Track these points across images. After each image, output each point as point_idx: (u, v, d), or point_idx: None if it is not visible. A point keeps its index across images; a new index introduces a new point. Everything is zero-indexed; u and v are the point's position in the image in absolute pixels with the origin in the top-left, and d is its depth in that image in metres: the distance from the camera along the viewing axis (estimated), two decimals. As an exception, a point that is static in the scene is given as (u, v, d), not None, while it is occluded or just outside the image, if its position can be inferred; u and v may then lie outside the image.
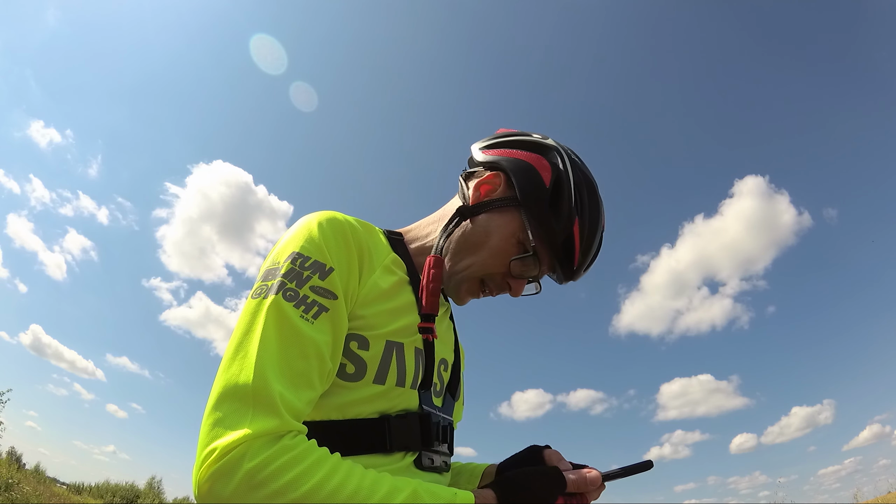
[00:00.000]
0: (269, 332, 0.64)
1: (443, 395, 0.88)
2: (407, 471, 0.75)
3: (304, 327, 0.65)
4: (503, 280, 0.86)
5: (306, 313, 0.67)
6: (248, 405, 0.58)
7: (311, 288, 0.68)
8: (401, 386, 0.76)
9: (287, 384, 0.62)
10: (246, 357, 0.61)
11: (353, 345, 0.73)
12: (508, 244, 0.84)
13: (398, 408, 0.76)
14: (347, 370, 0.72)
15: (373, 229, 0.86)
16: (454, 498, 0.63)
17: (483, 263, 0.85)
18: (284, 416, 0.59)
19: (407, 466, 0.75)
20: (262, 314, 0.65)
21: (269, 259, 0.75)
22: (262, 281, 0.70)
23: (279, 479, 0.55)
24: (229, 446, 0.55)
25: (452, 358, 0.94)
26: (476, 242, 0.85)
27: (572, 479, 0.70)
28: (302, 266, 0.70)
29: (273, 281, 0.69)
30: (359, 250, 0.76)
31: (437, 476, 0.81)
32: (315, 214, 0.77)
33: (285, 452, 0.57)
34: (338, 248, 0.73)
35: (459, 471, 0.97)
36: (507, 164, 0.87)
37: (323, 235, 0.73)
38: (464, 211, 0.87)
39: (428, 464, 0.78)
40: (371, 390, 0.73)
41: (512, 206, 0.85)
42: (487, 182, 0.88)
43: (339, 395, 0.72)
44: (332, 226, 0.75)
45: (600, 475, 0.72)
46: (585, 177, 0.87)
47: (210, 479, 0.55)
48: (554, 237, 0.83)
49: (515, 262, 0.84)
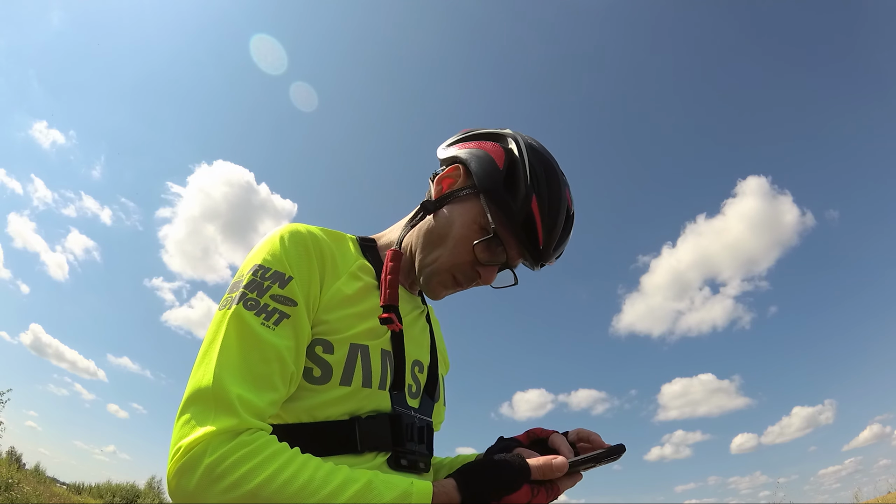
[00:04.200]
0: (231, 339, 0.68)
1: (419, 396, 0.88)
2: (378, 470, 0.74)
3: (264, 333, 0.69)
4: (472, 269, 0.87)
5: (267, 320, 0.71)
6: (210, 407, 0.63)
7: (271, 296, 0.72)
8: (367, 387, 0.77)
9: (247, 387, 0.66)
10: (209, 363, 0.66)
11: (318, 349, 0.76)
12: (471, 230, 0.86)
13: (367, 409, 0.77)
14: (314, 374, 0.75)
15: (342, 238, 0.90)
16: (410, 487, 0.63)
17: (450, 254, 0.86)
18: (243, 415, 0.63)
19: (378, 466, 0.75)
20: (224, 324, 0.70)
21: (237, 273, 0.79)
22: (227, 294, 0.75)
23: (235, 471, 0.59)
24: (192, 443, 0.60)
25: (428, 360, 0.94)
26: (441, 234, 0.88)
27: (536, 465, 0.66)
28: (262, 277, 0.74)
29: (236, 292, 0.73)
30: (320, 259, 0.79)
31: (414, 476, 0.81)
32: (279, 228, 0.81)
33: (242, 447, 0.61)
34: (298, 257, 0.77)
35: (440, 465, 0.97)
36: (464, 156, 0.90)
37: (283, 247, 0.77)
38: (427, 205, 0.91)
39: (403, 464, 0.78)
40: (338, 392, 0.75)
41: (472, 194, 0.87)
42: (448, 176, 0.92)
43: (308, 398, 0.74)
44: (292, 237, 0.79)
45: (567, 462, 0.67)
46: (541, 156, 0.88)
47: (176, 474, 0.60)
48: (513, 216, 0.83)
49: (479, 245, 0.85)
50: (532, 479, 0.66)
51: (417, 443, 0.82)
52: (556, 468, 0.66)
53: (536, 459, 0.67)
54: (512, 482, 0.64)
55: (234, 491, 0.58)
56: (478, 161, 0.87)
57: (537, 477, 0.66)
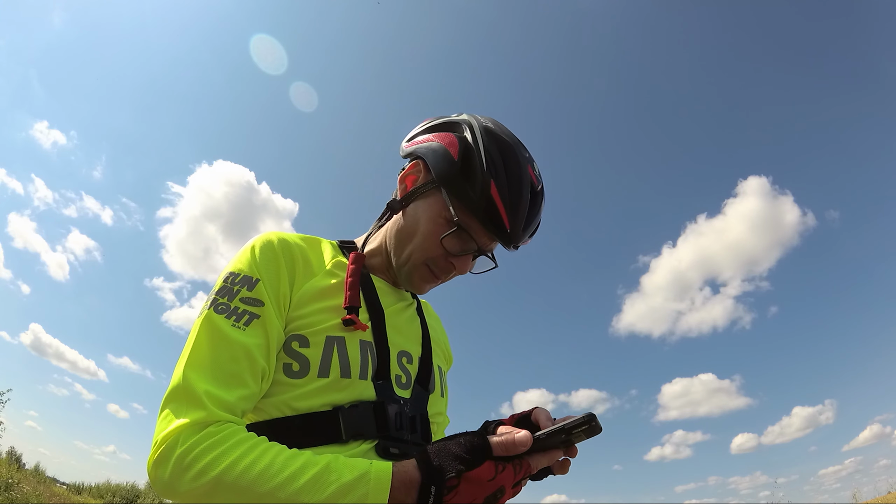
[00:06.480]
0: (201, 340, 0.73)
1: (411, 387, 0.88)
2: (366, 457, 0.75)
3: (233, 334, 0.74)
4: (445, 261, 0.89)
5: (237, 322, 0.75)
6: (182, 403, 0.68)
7: (241, 300, 0.77)
8: (346, 377, 0.78)
9: (215, 383, 0.70)
10: (181, 364, 0.72)
11: (294, 344, 0.79)
12: (437, 225, 0.88)
13: (349, 399, 0.78)
14: (293, 368, 0.78)
15: (318, 241, 0.94)
16: (370, 466, 0.63)
17: (421, 249, 0.89)
18: (211, 409, 0.67)
19: (365, 453, 0.76)
20: (197, 328, 0.75)
21: None
22: (204, 302, 0.80)
23: (202, 460, 0.63)
24: (167, 436, 0.65)
25: (419, 351, 0.95)
26: (409, 232, 0.91)
27: (497, 441, 0.63)
28: (232, 282, 0.79)
29: (209, 299, 0.78)
30: (289, 259, 0.83)
31: None
32: (253, 238, 0.85)
33: (209, 437, 0.65)
34: (266, 261, 0.81)
35: None
36: (421, 151, 0.92)
37: (253, 254, 0.82)
38: (393, 205, 0.93)
39: (393, 452, 0.78)
40: (316, 384, 0.77)
41: (433, 189, 0.89)
42: (411, 173, 0.93)
43: (289, 391, 0.77)
44: (262, 243, 0.83)
45: (530, 436, 0.63)
46: (497, 137, 0.87)
47: (154, 465, 0.65)
48: (474, 205, 0.84)
49: (447, 239, 0.87)
50: (495, 456, 0.63)
51: (409, 432, 0.82)
52: (518, 442, 0.63)
53: (499, 436, 0.64)
54: (473, 458, 0.62)
55: (201, 478, 0.62)
56: (434, 155, 0.89)
57: (500, 453, 0.63)
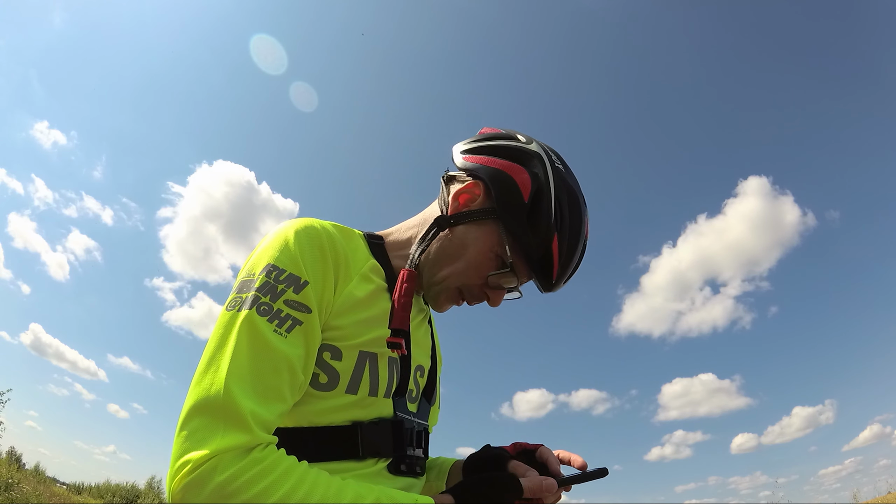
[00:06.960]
0: (242, 347, 0.65)
1: (418, 400, 0.89)
2: (379, 475, 0.76)
3: (276, 342, 0.67)
4: (481, 291, 0.87)
5: (280, 327, 0.68)
6: (219, 420, 0.60)
7: (285, 302, 0.69)
8: (373, 396, 0.77)
9: (258, 399, 0.64)
10: (217, 371, 0.63)
11: (325, 355, 0.74)
12: (486, 258, 0.84)
13: (371, 416, 0.77)
14: (320, 380, 0.74)
15: (352, 234, 0.86)
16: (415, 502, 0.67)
17: (460, 274, 0.85)
18: (254, 431, 0.61)
19: (379, 472, 0.77)
20: (235, 328, 0.66)
21: (244, 269, 0.75)
22: (236, 293, 0.71)
23: (249, 490, 0.58)
24: (201, 460, 0.58)
25: (429, 364, 0.94)
26: (453, 254, 0.85)
27: (528, 485, 0.71)
28: (277, 279, 0.70)
29: (248, 294, 0.70)
30: (335, 260, 0.76)
31: (412, 480, 0.83)
32: (292, 223, 0.77)
33: (255, 465, 0.59)
34: (313, 259, 0.74)
35: (430, 465, 0.98)
36: (486, 174, 0.85)
37: (299, 246, 0.73)
38: (441, 222, 0.86)
39: (402, 469, 0.79)
40: (343, 400, 0.74)
41: (490, 219, 0.84)
42: (466, 191, 0.87)
43: (313, 403, 0.74)
44: (308, 236, 0.75)
45: (556, 484, 0.73)
46: (568, 187, 0.85)
47: (182, 490, 0.58)
48: (531, 253, 0.82)
49: (493, 276, 0.84)
50: (523, 498, 0.70)
51: (416, 447, 0.83)
52: (545, 489, 0.71)
53: (529, 479, 0.72)
54: (505, 500, 0.69)
55: None
56: (501, 186, 0.83)
57: (528, 496, 0.70)
